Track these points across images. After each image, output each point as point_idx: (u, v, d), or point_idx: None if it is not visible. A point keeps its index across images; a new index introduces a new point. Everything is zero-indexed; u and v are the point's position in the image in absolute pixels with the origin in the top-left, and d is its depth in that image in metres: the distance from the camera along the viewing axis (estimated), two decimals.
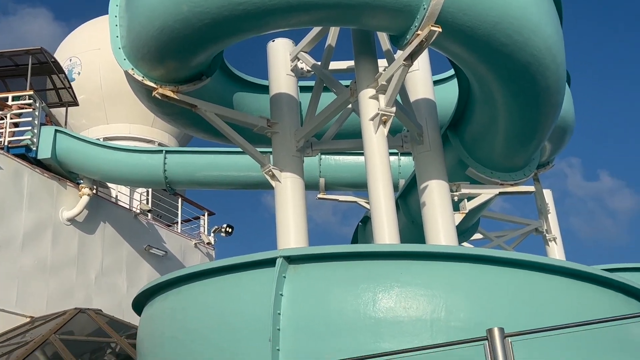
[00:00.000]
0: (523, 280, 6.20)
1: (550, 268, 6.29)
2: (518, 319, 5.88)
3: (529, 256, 6.31)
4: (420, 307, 5.99)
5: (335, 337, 5.96)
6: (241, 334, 6.17)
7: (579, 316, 5.99)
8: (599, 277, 6.40)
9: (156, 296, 7.19)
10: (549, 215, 15.94)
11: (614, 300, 6.47)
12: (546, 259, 6.42)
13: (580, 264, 6.44)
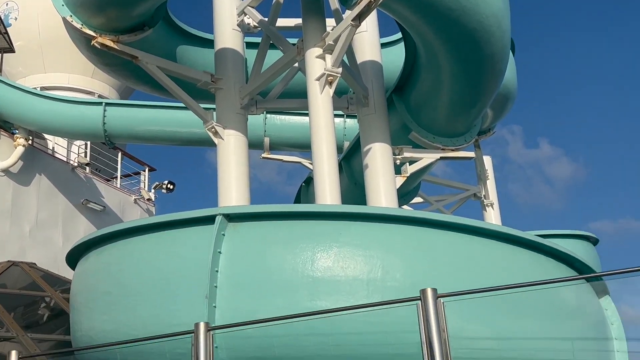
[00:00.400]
0: (458, 243, 6.32)
1: (485, 232, 6.43)
2: (452, 281, 5.99)
3: (465, 220, 6.43)
4: (358, 267, 6.05)
5: (273, 295, 5.98)
6: (178, 290, 6.12)
7: (511, 279, 6.12)
8: (531, 242, 6.57)
9: (91, 250, 7.05)
10: (487, 182, 16.27)
11: (545, 264, 6.67)
12: (481, 222, 6.55)
13: (513, 229, 6.60)
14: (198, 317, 5.61)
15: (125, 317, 6.29)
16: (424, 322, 4.66)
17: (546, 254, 6.80)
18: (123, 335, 6.16)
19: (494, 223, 14.75)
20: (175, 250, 6.31)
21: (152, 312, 6.18)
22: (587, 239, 11.78)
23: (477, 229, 6.43)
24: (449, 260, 6.30)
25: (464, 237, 6.39)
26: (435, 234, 6.35)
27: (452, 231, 6.38)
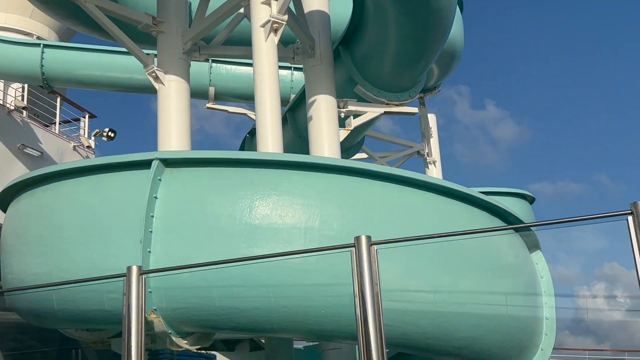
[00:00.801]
0: (396, 194, 6.39)
1: (421, 184, 6.51)
2: (388, 231, 6.06)
3: (403, 171, 6.49)
4: (296, 216, 6.06)
5: (209, 242, 5.95)
6: (112, 234, 6.03)
7: (445, 231, 6.25)
8: (466, 195, 6.69)
9: (23, 192, 6.85)
10: (431, 139, 16.47)
11: (479, 217, 6.81)
12: (418, 174, 6.62)
13: (449, 182, 6.70)
14: (132, 261, 5.53)
15: (58, 260, 6.17)
16: (357, 268, 4.71)
17: (481, 208, 6.94)
18: (55, 278, 6.06)
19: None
20: (110, 194, 6.18)
21: (86, 256, 6.07)
22: (523, 197, 12.07)
23: (414, 181, 6.50)
24: (385, 211, 6.37)
25: (402, 188, 6.46)
26: (373, 184, 6.39)
27: (390, 182, 6.43)
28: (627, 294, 6.20)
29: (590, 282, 24.33)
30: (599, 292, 18.65)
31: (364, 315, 4.58)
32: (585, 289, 8.20)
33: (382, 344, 4.52)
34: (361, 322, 4.57)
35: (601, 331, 20.69)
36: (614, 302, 6.95)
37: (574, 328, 9.48)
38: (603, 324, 8.05)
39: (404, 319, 6.09)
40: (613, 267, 39.00)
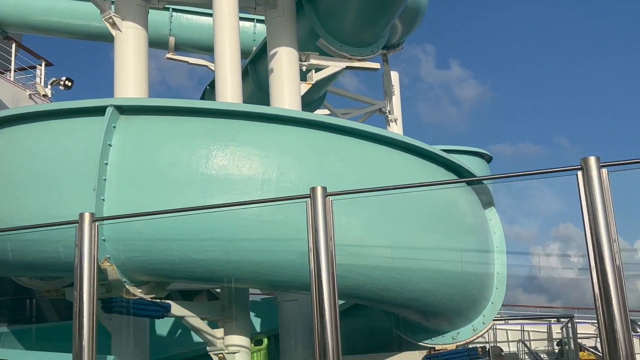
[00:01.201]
0: (354, 148, 6.41)
1: (379, 139, 6.53)
2: (345, 185, 6.10)
3: (361, 125, 6.51)
4: (253, 167, 6.04)
5: (164, 191, 5.90)
6: (65, 182, 5.93)
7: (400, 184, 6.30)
8: (423, 150, 6.74)
9: None
10: (393, 97, 16.45)
11: (435, 173, 6.88)
12: (376, 129, 6.64)
13: (406, 137, 6.74)
14: (85, 209, 5.43)
15: (9, 207, 6.06)
16: (312, 219, 4.72)
17: (438, 164, 7.01)
18: (7, 225, 5.95)
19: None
20: (63, 140, 6.07)
21: (38, 204, 5.97)
22: (481, 156, 12.23)
23: (373, 135, 6.52)
24: (343, 165, 6.39)
25: (360, 142, 6.48)
26: (332, 137, 6.39)
27: (348, 136, 6.44)
28: (580, 253, 6.35)
29: (545, 241, 24.98)
30: (552, 252, 19.13)
31: (317, 265, 4.59)
32: (539, 249, 8.40)
33: (335, 295, 4.55)
34: (314, 273, 4.59)
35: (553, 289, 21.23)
36: (566, 261, 7.13)
37: (527, 286, 9.73)
38: (555, 282, 8.27)
39: (357, 270, 6.17)
40: (568, 227, 40.01)
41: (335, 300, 4.55)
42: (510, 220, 28.13)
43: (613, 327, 4.02)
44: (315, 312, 4.49)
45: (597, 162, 4.19)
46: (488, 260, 7.67)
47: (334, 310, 4.49)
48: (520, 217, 52.22)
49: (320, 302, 4.55)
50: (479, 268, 7.56)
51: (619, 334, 4.00)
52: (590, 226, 4.24)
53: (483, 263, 7.60)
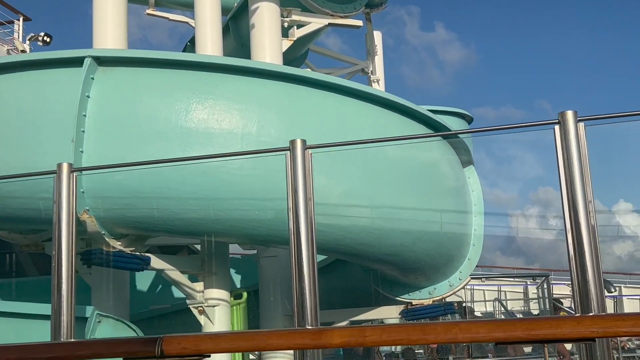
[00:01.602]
0: (335, 103, 6.40)
1: (360, 94, 6.53)
2: (327, 139, 6.10)
3: (342, 80, 6.51)
4: (233, 121, 6.02)
5: (143, 143, 5.88)
6: (43, 133, 5.88)
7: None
8: (404, 107, 6.76)
9: None
10: (375, 57, 16.37)
11: (416, 130, 6.90)
12: (357, 84, 6.63)
13: (387, 93, 6.74)
14: (64, 161, 5.42)
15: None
16: (291, 172, 4.73)
17: (418, 121, 7.03)
18: None
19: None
20: (40, 91, 5.99)
21: (16, 155, 5.93)
22: (462, 117, 12.25)
23: (354, 91, 6.52)
24: (324, 120, 6.39)
25: (341, 98, 6.47)
26: (312, 92, 6.37)
27: (329, 91, 6.43)
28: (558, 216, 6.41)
29: (524, 205, 25.25)
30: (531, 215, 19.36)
31: (296, 220, 4.61)
32: (518, 212, 8.53)
33: (314, 249, 4.55)
34: (293, 227, 4.60)
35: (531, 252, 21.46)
36: (544, 224, 7.23)
37: (505, 248, 9.87)
38: (533, 245, 8.39)
39: (337, 225, 6.22)
40: (547, 191, 40.41)
41: (313, 253, 4.58)
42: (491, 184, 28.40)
43: (586, 285, 4.04)
44: (293, 265, 4.50)
45: (575, 116, 4.23)
46: (466, 218, 7.76)
47: (312, 262, 4.51)
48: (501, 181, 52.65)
49: (298, 255, 4.57)
50: (457, 228, 7.67)
51: (591, 293, 4.02)
52: (566, 181, 4.29)
53: (461, 223, 7.69)
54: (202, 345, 2.31)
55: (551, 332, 2.10)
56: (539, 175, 37.40)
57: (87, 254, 6.16)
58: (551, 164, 4.38)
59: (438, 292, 7.56)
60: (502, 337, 2.19)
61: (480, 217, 7.95)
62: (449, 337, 2.23)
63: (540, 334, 2.12)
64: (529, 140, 5.00)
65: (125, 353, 2.31)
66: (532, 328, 2.14)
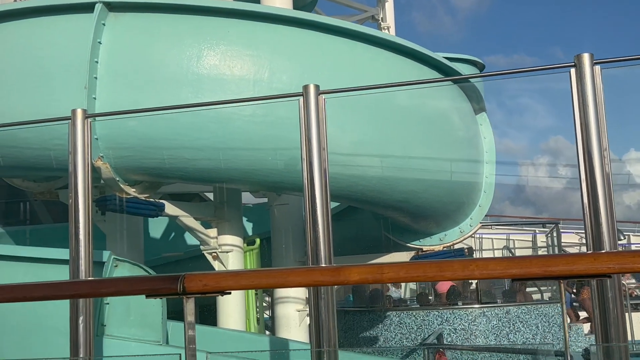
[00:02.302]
0: (347, 48, 6.35)
1: (372, 40, 6.47)
2: (338, 85, 6.08)
3: (354, 25, 6.44)
4: (245, 67, 6.00)
5: (156, 90, 5.88)
6: (56, 80, 5.88)
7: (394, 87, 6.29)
8: (416, 52, 6.70)
9: None
10: (386, 4, 16.15)
11: (428, 75, 6.85)
12: (369, 29, 6.56)
13: (400, 38, 6.67)
14: (77, 107, 5.44)
15: (1, 105, 6.03)
16: (304, 118, 4.71)
17: (431, 67, 6.97)
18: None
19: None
20: (52, 38, 5.97)
21: (29, 102, 5.94)
22: (473, 64, 12.12)
23: (366, 36, 6.45)
24: (336, 66, 6.35)
25: (353, 43, 6.41)
26: (325, 38, 6.31)
27: (341, 37, 6.36)
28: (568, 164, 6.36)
29: (534, 155, 25.17)
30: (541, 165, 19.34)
31: (309, 166, 4.61)
32: (528, 162, 8.53)
33: (327, 195, 4.58)
34: (307, 173, 4.61)
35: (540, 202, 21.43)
36: (554, 173, 7.22)
37: (515, 198, 9.87)
38: (542, 195, 8.41)
39: (349, 172, 6.24)
40: (558, 140, 40.21)
41: (327, 200, 4.59)
42: (502, 134, 28.23)
43: (599, 233, 4.05)
44: (308, 213, 4.50)
45: (591, 58, 4.18)
46: (477, 166, 7.77)
47: (326, 211, 4.52)
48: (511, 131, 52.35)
49: (312, 202, 4.58)
50: (468, 176, 7.68)
51: (605, 242, 4.03)
52: (581, 126, 4.26)
53: (472, 172, 7.70)
54: (223, 282, 2.36)
55: (567, 268, 2.13)
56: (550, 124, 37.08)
57: (101, 200, 6.23)
58: (562, 113, 4.37)
59: (449, 238, 7.63)
60: (518, 273, 2.22)
61: (492, 164, 7.96)
62: (466, 273, 2.26)
63: (556, 270, 2.15)
64: (541, 88, 4.96)
65: (148, 290, 2.37)
66: (549, 264, 2.16)
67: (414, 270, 2.27)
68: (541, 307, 10.46)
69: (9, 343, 5.83)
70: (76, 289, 2.60)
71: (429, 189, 6.91)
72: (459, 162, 7.40)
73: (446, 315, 10.26)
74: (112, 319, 5.48)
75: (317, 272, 2.32)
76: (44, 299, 2.67)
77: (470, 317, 10.15)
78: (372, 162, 6.48)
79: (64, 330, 4.72)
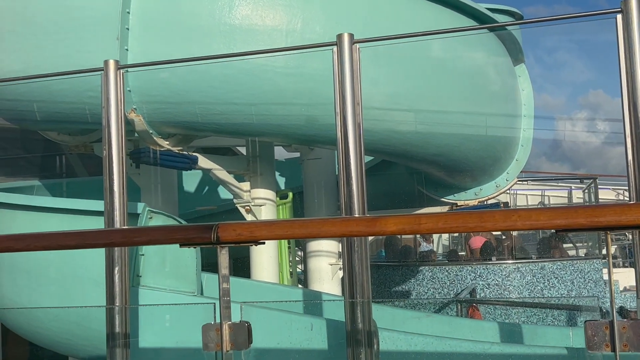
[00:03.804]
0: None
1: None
2: (374, 36, 5.93)
3: None
4: (277, 17, 5.88)
5: (188, 41, 5.81)
6: (88, 31, 5.84)
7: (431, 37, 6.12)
8: (454, 1, 6.50)
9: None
10: None
11: (465, 25, 6.66)
12: None
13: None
14: (109, 58, 5.41)
15: (33, 56, 6.02)
16: (338, 67, 4.61)
17: (470, 16, 6.78)
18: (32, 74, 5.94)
19: None
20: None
21: (62, 52, 5.91)
22: (511, 15, 11.78)
23: None
24: (371, 16, 6.20)
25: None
26: None
27: None
28: (607, 121, 6.14)
29: (572, 110, 24.55)
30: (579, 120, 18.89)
31: (343, 117, 4.52)
32: (565, 117, 8.30)
33: (361, 149, 4.49)
34: (340, 125, 4.53)
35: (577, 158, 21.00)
36: (593, 128, 6.99)
37: (551, 154, 9.63)
38: (580, 150, 8.19)
39: (383, 125, 6.14)
40: (598, 94, 39.24)
41: (361, 152, 4.51)
42: (540, 89, 27.64)
43: None
44: (341, 165, 4.44)
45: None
46: (515, 119, 7.60)
47: (360, 164, 4.44)
48: (550, 86, 51.30)
49: (346, 154, 4.50)
50: (506, 131, 7.53)
51: None
52: (627, 75, 4.10)
53: (510, 126, 7.54)
54: (257, 232, 2.32)
55: (615, 218, 2.03)
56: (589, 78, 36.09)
57: (136, 152, 6.24)
58: (603, 66, 4.19)
59: (484, 192, 7.52)
60: (563, 224, 2.13)
61: (530, 118, 7.78)
62: (508, 224, 2.18)
63: (603, 221, 2.06)
64: (580, 40, 4.76)
65: (182, 239, 2.34)
66: (596, 215, 2.07)
67: (453, 220, 2.20)
68: (577, 263, 10.33)
69: (47, 294, 5.95)
70: (109, 237, 2.60)
71: (465, 142, 6.79)
72: (496, 118, 7.24)
73: (479, 271, 10.20)
74: (147, 269, 5.54)
75: (352, 222, 2.27)
76: (77, 247, 2.67)
77: (504, 273, 10.08)
78: (406, 116, 6.37)
79: (100, 281, 4.78)
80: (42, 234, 2.75)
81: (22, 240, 2.64)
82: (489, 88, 7.18)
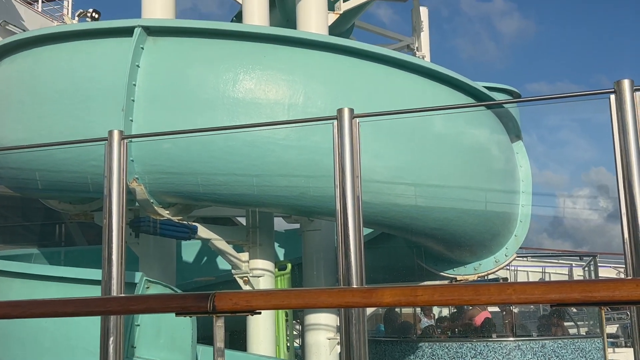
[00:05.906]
0: (382, 74, 6.34)
1: (408, 65, 6.45)
2: (373, 110, 6.05)
3: (390, 51, 6.43)
4: (280, 92, 6.02)
5: (192, 113, 5.92)
6: (94, 102, 5.97)
7: (429, 112, 6.24)
8: (451, 79, 6.65)
9: (4, 58, 6.70)
10: (421, 33, 16.19)
11: (461, 101, 6.79)
12: (404, 55, 6.55)
13: (435, 64, 6.64)
14: (114, 129, 5.51)
15: (39, 126, 6.14)
16: (338, 141, 4.68)
17: (467, 94, 6.92)
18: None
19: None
20: (91, 60, 6.08)
21: (67, 123, 6.04)
22: (509, 93, 12.04)
23: (401, 62, 6.43)
24: (371, 91, 6.35)
25: (388, 69, 6.40)
26: (359, 63, 6.31)
27: (376, 62, 6.36)
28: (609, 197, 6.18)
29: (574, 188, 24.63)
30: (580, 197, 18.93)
31: (342, 189, 4.57)
32: (566, 194, 8.36)
33: (360, 222, 4.51)
34: (340, 199, 4.56)
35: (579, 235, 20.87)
36: (595, 205, 7.04)
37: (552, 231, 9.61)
38: (581, 228, 8.19)
39: (383, 198, 6.19)
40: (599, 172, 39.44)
41: (360, 225, 4.52)
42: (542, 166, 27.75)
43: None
44: (340, 237, 4.44)
45: (631, 85, 4.09)
46: (514, 195, 7.64)
47: (359, 235, 4.45)
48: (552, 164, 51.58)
49: (345, 227, 4.51)
50: (504, 206, 7.56)
51: None
52: (621, 153, 4.16)
53: (508, 201, 7.58)
54: (253, 301, 2.32)
55: (609, 293, 2.04)
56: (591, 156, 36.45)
57: (136, 221, 6.27)
58: (603, 144, 4.27)
59: (483, 267, 7.49)
60: (557, 298, 2.14)
61: (528, 194, 7.83)
62: (503, 297, 2.19)
63: (597, 296, 2.07)
64: (581, 119, 4.86)
65: (178, 307, 2.34)
66: (590, 290, 2.08)
67: (448, 293, 2.21)
68: (578, 341, 10.17)
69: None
70: (106, 305, 2.59)
71: (464, 217, 6.81)
72: (495, 194, 7.29)
73: (480, 348, 10.03)
74: (142, 340, 5.47)
75: (348, 293, 2.27)
76: (74, 314, 2.66)
77: (504, 350, 9.91)
78: (406, 189, 6.42)
79: (94, 351, 4.71)
80: (39, 301, 2.74)
81: (19, 307, 2.63)
82: (488, 164, 7.26)
